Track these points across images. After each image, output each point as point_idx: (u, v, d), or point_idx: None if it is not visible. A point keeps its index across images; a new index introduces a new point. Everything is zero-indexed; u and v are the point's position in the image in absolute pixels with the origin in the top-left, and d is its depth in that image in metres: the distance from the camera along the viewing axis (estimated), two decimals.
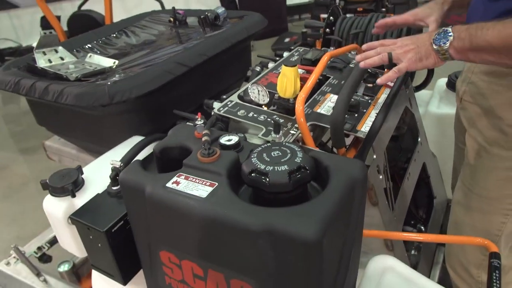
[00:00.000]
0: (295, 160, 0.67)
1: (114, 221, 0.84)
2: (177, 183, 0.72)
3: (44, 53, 1.34)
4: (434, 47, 0.88)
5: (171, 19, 1.75)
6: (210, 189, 0.69)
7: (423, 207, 1.56)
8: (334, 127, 0.93)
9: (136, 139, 1.11)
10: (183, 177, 0.73)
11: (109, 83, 1.09)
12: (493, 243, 0.79)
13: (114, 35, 1.69)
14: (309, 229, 0.59)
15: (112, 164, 0.92)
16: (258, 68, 1.37)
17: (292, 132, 0.99)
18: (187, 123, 1.01)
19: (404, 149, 1.45)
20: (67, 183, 0.91)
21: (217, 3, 6.00)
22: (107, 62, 1.37)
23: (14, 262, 1.49)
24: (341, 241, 0.69)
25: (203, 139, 0.77)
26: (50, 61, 1.34)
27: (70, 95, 1.08)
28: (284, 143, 0.72)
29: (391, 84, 1.25)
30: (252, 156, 0.70)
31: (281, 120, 1.04)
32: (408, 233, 0.96)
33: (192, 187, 0.70)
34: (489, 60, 0.84)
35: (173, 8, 1.75)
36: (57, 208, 0.92)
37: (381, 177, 1.03)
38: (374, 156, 1.01)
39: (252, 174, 0.66)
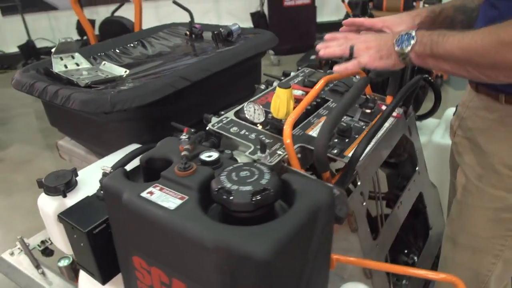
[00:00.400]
0: (261, 181, 0.70)
1: (96, 223, 0.89)
2: (151, 193, 0.76)
3: (61, 59, 1.42)
4: (396, 48, 0.85)
5: (187, 33, 1.81)
6: (179, 202, 0.73)
7: (420, 237, 1.55)
8: (316, 152, 0.95)
9: (133, 147, 1.17)
10: (158, 188, 0.77)
11: (112, 92, 1.15)
12: (461, 281, 0.79)
13: (132, 44, 1.77)
14: (261, 249, 0.61)
15: (103, 169, 0.97)
16: (263, 86, 1.41)
17: (279, 152, 1.02)
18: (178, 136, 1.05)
19: (402, 176, 1.45)
20: (60, 183, 0.97)
21: (248, 17, 6.11)
22: (119, 71, 1.43)
23: (18, 252, 1.57)
24: (300, 263, 0.71)
25: (182, 153, 0.81)
26: (66, 66, 1.42)
27: (76, 100, 1.14)
28: (255, 164, 0.75)
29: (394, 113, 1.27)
30: (222, 174, 0.73)
31: (271, 140, 1.07)
32: (377, 263, 0.96)
33: (164, 198, 0.74)
34: (447, 69, 0.82)
35: (190, 22, 1.82)
36: (48, 206, 0.98)
37: (364, 203, 1.04)
38: (359, 183, 1.03)
39: (218, 192, 0.70)
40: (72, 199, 0.98)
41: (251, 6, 6.39)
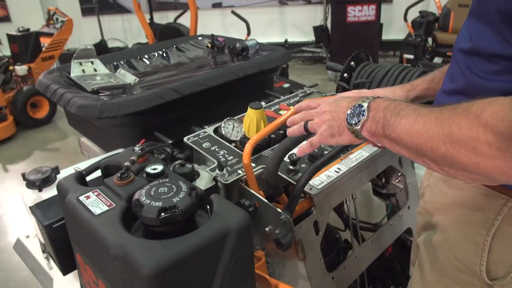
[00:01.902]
0: (173, 199, 0.73)
1: (57, 218, 0.97)
2: (88, 197, 0.83)
3: (80, 64, 1.55)
4: (347, 124, 0.73)
5: (209, 45, 1.89)
6: (106, 208, 0.79)
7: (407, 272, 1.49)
8: (266, 176, 0.96)
9: (119, 151, 1.25)
10: (96, 193, 0.84)
11: (105, 99, 1.24)
12: None
13: (156, 54, 1.88)
14: (147, 264, 0.65)
15: (75, 169, 1.06)
16: (263, 103, 1.44)
17: (239, 171, 1.05)
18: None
19: (393, 209, 1.40)
20: (38, 178, 1.07)
21: (312, 30, 6.13)
22: (130, 78, 1.54)
23: (33, 236, 1.72)
24: (203, 283, 0.74)
25: (125, 164, 0.87)
26: (83, 71, 1.55)
27: (74, 105, 1.26)
28: (179, 182, 0.79)
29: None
30: (145, 187, 0.78)
31: (237, 159, 1.10)
32: None
33: (96, 203, 0.81)
34: (404, 155, 0.67)
35: (212, 35, 1.89)
36: (26, 198, 1.09)
37: (318, 234, 1.03)
38: (314, 212, 1.02)
39: (134, 204, 0.74)
40: (47, 194, 1.08)
41: (316, 19, 6.41)
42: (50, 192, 1.10)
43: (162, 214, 0.71)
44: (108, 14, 6.06)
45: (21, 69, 4.22)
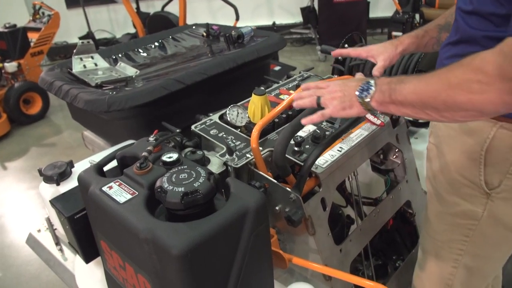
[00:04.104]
0: (194, 184, 0.79)
1: (77, 210, 1.02)
2: (111, 187, 0.88)
3: (81, 59, 1.58)
4: (358, 98, 0.88)
5: (204, 34, 1.92)
6: (130, 196, 0.84)
7: (408, 243, 1.56)
8: (275, 158, 1.02)
9: (129, 142, 1.30)
10: (118, 183, 0.89)
11: (110, 93, 1.28)
12: None
13: (152, 45, 1.91)
14: (176, 245, 0.71)
15: (90, 162, 1.11)
16: (262, 88, 1.48)
17: (247, 155, 1.10)
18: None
19: (392, 184, 1.47)
20: (55, 173, 1.12)
21: (299, 12, 6.12)
22: (130, 71, 1.57)
23: (44, 230, 1.77)
24: (227, 259, 0.80)
25: (142, 154, 0.92)
26: (85, 66, 1.58)
27: (81, 100, 1.29)
28: (197, 168, 0.84)
29: (375, 121, 1.30)
30: (166, 175, 0.83)
31: (245, 143, 1.15)
32: (323, 267, 1.01)
33: (119, 193, 0.86)
34: (408, 113, 0.84)
35: (207, 24, 1.92)
36: (45, 192, 1.14)
37: (327, 209, 1.09)
38: (320, 189, 1.08)
39: (157, 191, 0.80)
40: (65, 187, 1.13)
41: (303, 0, 6.39)
42: (67, 185, 1.15)
43: (186, 198, 0.77)
44: (93, 5, 5.99)
45: (10, 66, 4.19)
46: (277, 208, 1.06)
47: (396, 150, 1.44)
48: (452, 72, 0.75)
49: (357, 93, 0.88)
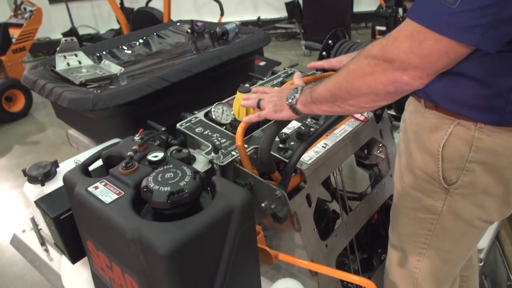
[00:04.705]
0: (180, 183, 0.79)
1: (63, 210, 1.02)
2: (96, 187, 0.88)
3: (65, 57, 1.57)
4: (287, 102, 0.96)
5: (189, 31, 1.91)
6: (116, 196, 0.84)
7: None
8: (260, 155, 1.03)
9: (114, 141, 1.29)
10: (103, 183, 0.89)
11: (95, 91, 1.27)
12: (373, 283, 0.85)
13: (137, 42, 1.90)
14: (163, 244, 0.71)
15: (75, 162, 1.10)
16: (247, 85, 1.49)
17: (233, 153, 1.11)
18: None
19: (376, 178, 1.49)
20: (40, 173, 1.11)
21: (284, 7, 6.12)
22: (115, 69, 1.56)
23: (29, 230, 1.75)
24: (214, 257, 0.80)
25: (128, 153, 0.92)
26: (68, 64, 1.57)
27: (65, 99, 1.28)
28: (182, 167, 0.85)
29: (358, 117, 1.32)
30: (151, 174, 0.83)
31: (230, 141, 1.15)
32: (308, 263, 1.03)
33: (105, 193, 0.86)
34: (325, 110, 0.91)
35: (192, 20, 1.92)
36: (30, 193, 1.13)
37: (310, 206, 1.11)
38: (305, 186, 1.10)
39: (143, 191, 0.80)
40: (50, 187, 1.12)
41: None
42: (52, 185, 1.14)
43: (172, 197, 0.77)
44: (77, 0, 5.90)
45: None
46: (263, 205, 1.07)
47: (380, 145, 1.47)
48: (352, 61, 0.83)
49: (287, 97, 0.97)
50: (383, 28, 4.77)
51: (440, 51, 0.72)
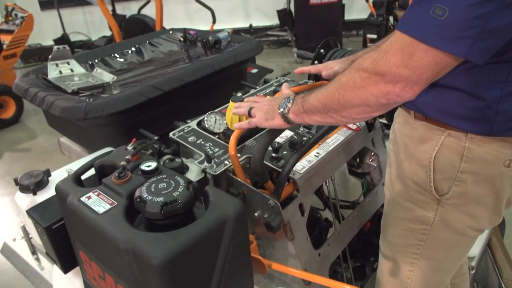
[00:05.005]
0: (173, 193, 0.79)
1: (55, 220, 1.01)
2: (89, 197, 0.87)
3: (57, 65, 1.56)
4: (279, 111, 0.97)
5: (181, 39, 1.92)
6: (109, 206, 0.84)
7: None
8: (253, 165, 1.04)
9: (107, 150, 1.29)
10: (96, 193, 0.89)
11: (87, 100, 1.27)
12: None
13: (129, 50, 1.90)
14: (156, 255, 0.71)
15: (68, 172, 1.10)
16: (239, 94, 1.50)
17: (226, 162, 1.11)
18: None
19: (368, 187, 1.50)
20: (31, 182, 1.10)
21: (276, 15, 6.16)
22: (107, 77, 1.56)
23: (20, 239, 1.73)
24: (207, 267, 0.80)
25: (121, 163, 0.92)
26: (60, 72, 1.56)
27: (58, 107, 1.28)
28: (175, 177, 0.85)
29: (351, 126, 1.33)
30: (145, 184, 0.83)
31: (223, 150, 1.16)
32: (302, 272, 1.04)
33: (98, 203, 0.85)
34: (318, 120, 0.91)
35: (184, 28, 1.92)
36: (21, 202, 1.12)
37: (303, 215, 1.11)
38: (298, 195, 1.10)
39: (136, 201, 0.80)
40: (42, 197, 1.11)
41: (279, 3, 6.43)
42: (44, 194, 1.13)
43: (165, 208, 0.77)
44: (68, 7, 5.89)
45: None
46: (256, 214, 1.07)
47: (372, 154, 1.48)
48: (343, 74, 0.84)
49: (279, 106, 0.97)
50: (374, 36, 4.81)
51: (430, 63, 0.73)
